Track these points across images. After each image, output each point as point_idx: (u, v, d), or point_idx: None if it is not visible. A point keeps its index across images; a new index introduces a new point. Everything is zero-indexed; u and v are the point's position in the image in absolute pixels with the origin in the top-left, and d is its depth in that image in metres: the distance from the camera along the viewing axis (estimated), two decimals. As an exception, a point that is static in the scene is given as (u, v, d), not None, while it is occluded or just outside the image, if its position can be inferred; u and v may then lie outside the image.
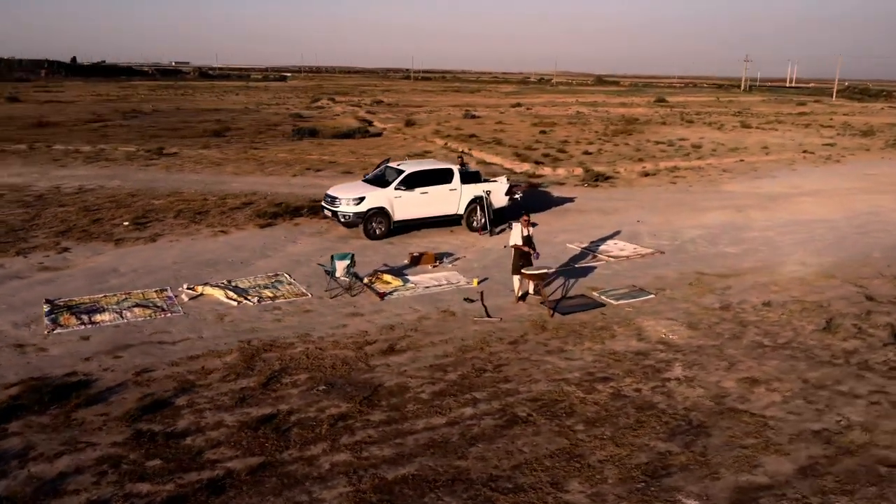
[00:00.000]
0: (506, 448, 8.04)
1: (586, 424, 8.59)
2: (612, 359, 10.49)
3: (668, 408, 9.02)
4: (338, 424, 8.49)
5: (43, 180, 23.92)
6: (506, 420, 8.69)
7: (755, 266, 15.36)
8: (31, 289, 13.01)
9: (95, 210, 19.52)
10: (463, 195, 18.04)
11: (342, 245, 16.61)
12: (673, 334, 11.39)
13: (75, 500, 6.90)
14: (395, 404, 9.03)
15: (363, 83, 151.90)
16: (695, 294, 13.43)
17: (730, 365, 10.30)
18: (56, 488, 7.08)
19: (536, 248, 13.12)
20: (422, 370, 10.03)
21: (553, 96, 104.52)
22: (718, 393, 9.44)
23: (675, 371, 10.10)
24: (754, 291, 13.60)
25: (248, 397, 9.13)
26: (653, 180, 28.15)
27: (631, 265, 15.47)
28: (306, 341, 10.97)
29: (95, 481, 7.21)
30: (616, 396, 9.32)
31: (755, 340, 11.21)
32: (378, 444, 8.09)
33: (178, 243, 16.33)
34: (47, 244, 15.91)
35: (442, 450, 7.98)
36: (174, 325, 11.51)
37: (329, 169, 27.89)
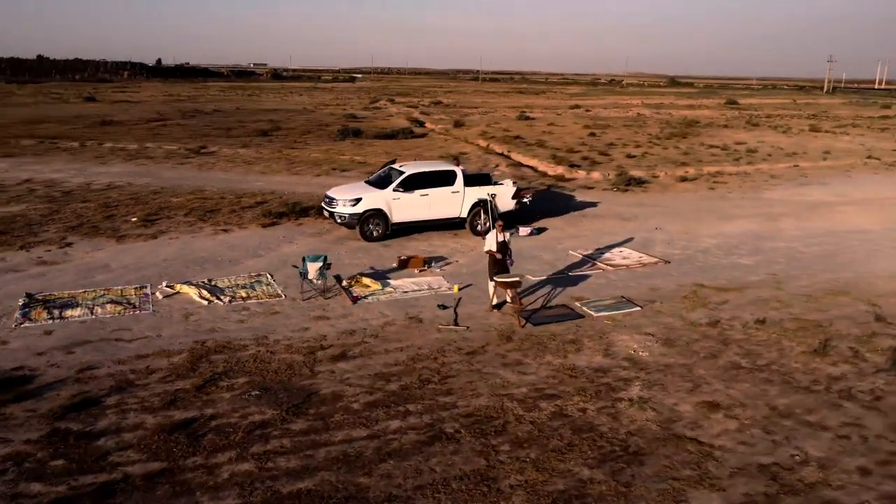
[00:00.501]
0: (417, 466, 7.65)
1: (513, 445, 8.10)
2: (569, 374, 9.90)
3: (608, 431, 8.41)
4: (255, 432, 8.28)
5: (79, 177, 24.84)
6: (430, 436, 8.28)
7: (764, 280, 14.34)
8: (20, 283, 13.38)
9: (114, 206, 20.07)
10: (466, 198, 17.62)
11: (337, 246, 16.50)
12: (643, 351, 10.69)
13: (-37, 497, 6.93)
14: (322, 413, 8.76)
15: (429, 85, 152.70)
16: (685, 308, 12.62)
17: (694, 387, 9.56)
18: (-50, 484, 7.13)
19: (513, 254, 12.64)
20: (364, 379, 9.72)
21: (619, 98, 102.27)
22: (670, 417, 8.75)
23: (632, 391, 9.44)
24: (751, 307, 12.67)
25: (179, 399, 9.04)
26: (690, 185, 26.95)
27: (629, 275, 14.71)
28: (260, 344, 10.83)
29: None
30: (556, 416, 8.76)
31: (732, 361, 10.39)
32: (288, 454, 7.83)
33: (177, 241, 16.56)
34: (53, 239, 16.41)
35: (350, 465, 7.66)
36: (139, 322, 11.59)
37: (357, 169, 27.89)
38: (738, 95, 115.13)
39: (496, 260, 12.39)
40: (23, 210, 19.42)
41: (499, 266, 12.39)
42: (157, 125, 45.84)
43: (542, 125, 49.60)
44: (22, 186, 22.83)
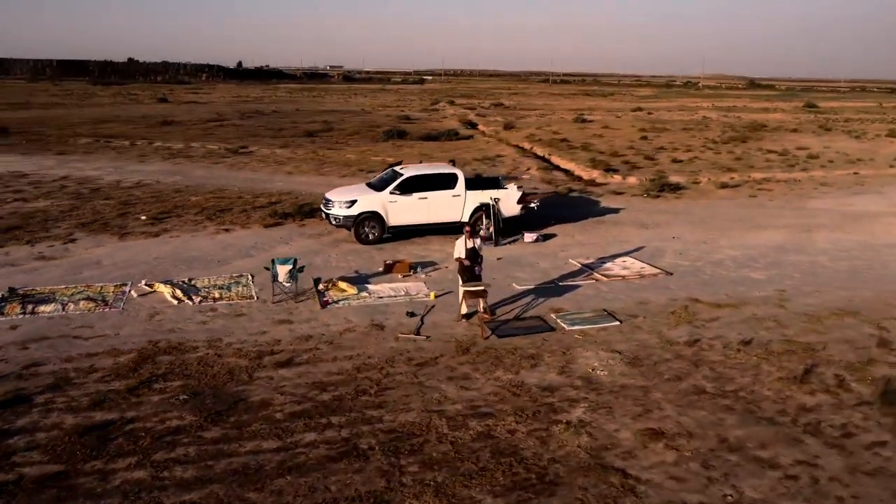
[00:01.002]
0: (313, 484, 7.30)
1: (423, 466, 7.63)
2: (513, 392, 9.34)
3: (531, 456, 7.83)
4: (165, 438, 8.12)
5: (114, 175, 25.68)
6: (341, 451, 7.92)
7: (769, 296, 13.29)
8: (11, 277, 13.79)
9: (133, 204, 20.58)
10: (467, 202, 17.15)
11: (331, 248, 16.36)
12: (603, 370, 10.00)
13: None
14: (241, 422, 8.53)
15: (497, 87, 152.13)
16: (668, 324, 11.79)
17: (644, 412, 8.83)
18: None
19: (482, 261, 12.11)
20: (300, 387, 9.44)
21: (689, 101, 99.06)
22: (605, 444, 8.08)
23: (574, 413, 8.80)
24: (742, 326, 11.72)
25: (107, 401, 8.99)
26: (730, 192, 25.56)
27: (623, 286, 13.92)
28: (212, 346, 10.72)
29: None
30: (481, 436, 8.24)
31: (697, 385, 9.57)
32: (187, 464, 7.62)
33: (176, 240, 16.77)
34: (61, 235, 16.90)
35: (246, 478, 7.38)
36: (104, 320, 11.69)
37: (385, 171, 27.75)
38: (821, 98, 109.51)
39: (465, 267, 11.90)
40: (46, 206, 20.14)
41: (468, 274, 11.89)
42: (214, 125, 47.15)
43: (595, 128, 48.41)
44: (57, 183, 23.76)
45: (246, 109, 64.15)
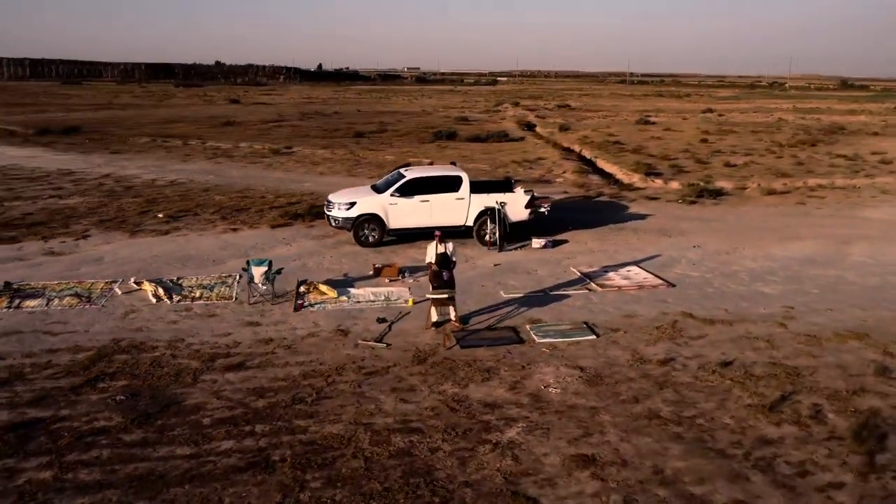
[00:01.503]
0: (208, 495, 7.11)
1: (326, 483, 7.33)
2: (452, 407, 8.91)
3: (443, 478, 7.40)
4: (85, 439, 8.12)
5: (153, 173, 26.52)
6: (250, 462, 7.71)
7: (772, 313, 12.29)
8: (15, 271, 14.29)
9: (159, 202, 21.13)
10: (472, 205, 16.69)
11: (329, 250, 16.26)
12: (557, 387, 9.41)
13: None
14: (166, 426, 8.44)
15: (570, 88, 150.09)
16: (649, 340, 11.04)
17: (583, 435, 8.23)
18: None
19: (454, 267, 11.66)
20: (239, 392, 9.30)
21: (770, 101, 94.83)
22: (527, 469, 7.56)
23: (508, 433, 8.29)
24: (729, 345, 10.84)
25: (48, 398, 9.09)
26: (777, 199, 24.08)
27: (617, 297, 13.18)
28: (171, 347, 10.74)
29: None
30: (400, 454, 7.85)
31: (652, 409, 8.86)
32: (95, 466, 7.58)
33: (182, 238, 17.05)
34: (77, 231, 17.48)
35: (145, 485, 7.27)
36: (81, 316, 11.91)
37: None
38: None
39: (435, 273, 11.50)
40: (77, 203, 20.93)
41: (438, 280, 11.48)
42: (272, 126, 48.21)
43: (656, 130, 46.91)
44: (96, 181, 24.71)
45: (309, 111, 65.41)
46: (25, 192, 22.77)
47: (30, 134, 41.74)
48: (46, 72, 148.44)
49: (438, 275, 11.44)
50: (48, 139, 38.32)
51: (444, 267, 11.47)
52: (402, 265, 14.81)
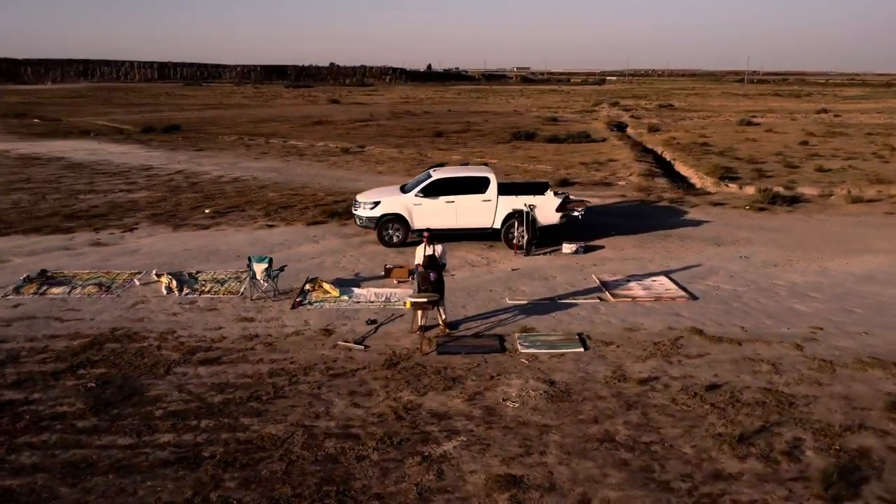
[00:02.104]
0: (124, 486, 7.27)
1: (241, 484, 7.31)
2: (398, 415, 8.67)
3: (357, 489, 7.19)
4: (42, 423, 8.51)
5: (223, 170, 27.71)
6: (179, 457, 7.82)
7: (793, 334, 11.19)
8: (56, 259, 15.28)
9: (215, 198, 22.03)
10: (499, 207, 16.26)
11: (353, 249, 16.34)
12: (516, 402, 8.96)
13: None
14: (119, 415, 8.72)
15: (679, 87, 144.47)
16: (639, 356, 10.32)
17: (521, 454, 7.77)
18: None
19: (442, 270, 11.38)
20: (202, 387, 9.47)
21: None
22: (445, 486, 7.22)
23: (444, 446, 7.96)
24: (726, 367, 9.95)
25: (28, 381, 9.60)
26: (864, 208, 22.08)
27: (627, 309, 12.44)
28: (160, 338, 11.10)
29: None
30: (325, 460, 7.71)
31: (609, 431, 8.25)
32: (38, 450, 7.92)
33: (218, 233, 17.66)
34: (128, 224, 18.49)
35: (72, 472, 7.51)
36: (93, 305, 12.55)
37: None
38: None
39: (422, 276, 11.26)
40: (142, 197, 22.17)
41: (426, 283, 11.24)
42: (360, 125, 49.31)
43: (756, 132, 44.33)
44: (168, 176, 26.10)
45: (401, 110, 66.44)
46: (102, 185, 24.37)
47: (135, 132, 44.74)
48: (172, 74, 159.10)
49: (426, 277, 11.19)
50: (148, 137, 40.94)
51: (431, 268, 11.19)
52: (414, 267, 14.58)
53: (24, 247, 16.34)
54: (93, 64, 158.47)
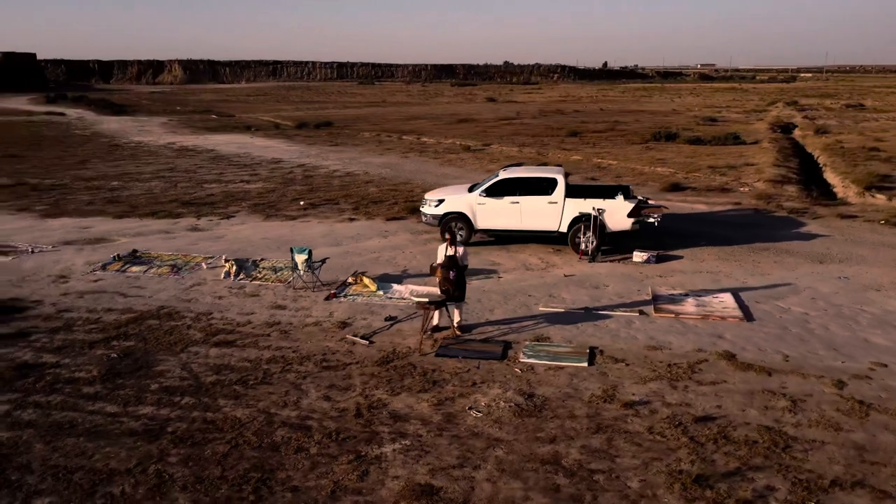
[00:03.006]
0: (85, 450, 7.94)
1: (181, 461, 7.74)
2: (359, 412, 8.71)
3: (277, 479, 7.36)
4: (56, 385, 9.51)
5: (341, 164, 29.13)
6: (146, 429, 8.41)
7: (845, 368, 9.76)
8: (150, 241, 16.94)
9: (317, 190, 23.23)
10: (566, 210, 15.64)
11: (415, 245, 16.50)
12: (482, 411, 8.65)
13: None
14: (121, 385, 9.51)
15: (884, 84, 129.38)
16: (644, 377, 9.53)
17: (455, 466, 7.51)
18: None
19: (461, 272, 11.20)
20: (205, 367, 10.08)
21: None
22: (361, 488, 7.17)
23: (384, 448, 7.91)
24: (736, 398, 8.90)
25: (68, 347, 10.77)
26: None
27: (664, 325, 11.52)
28: (196, 319, 11.96)
29: None
30: (267, 447, 7.95)
31: (560, 453, 7.72)
32: (40, 409, 8.86)
33: (301, 225, 18.61)
34: (228, 212, 20.02)
35: (53, 431, 8.31)
36: (158, 284, 13.78)
37: (594, 172, 26.46)
38: None
39: (444, 277, 11.17)
40: (255, 188, 23.92)
41: (447, 284, 11.14)
42: (502, 124, 49.59)
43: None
44: (289, 169, 27.88)
45: (551, 109, 65.72)
46: (228, 176, 26.57)
47: (289, 128, 48.19)
48: (349, 73, 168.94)
49: (446, 276, 11.08)
50: (297, 132, 43.92)
51: (452, 268, 11.06)
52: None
53: (133, 228, 18.26)
54: (281, 64, 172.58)
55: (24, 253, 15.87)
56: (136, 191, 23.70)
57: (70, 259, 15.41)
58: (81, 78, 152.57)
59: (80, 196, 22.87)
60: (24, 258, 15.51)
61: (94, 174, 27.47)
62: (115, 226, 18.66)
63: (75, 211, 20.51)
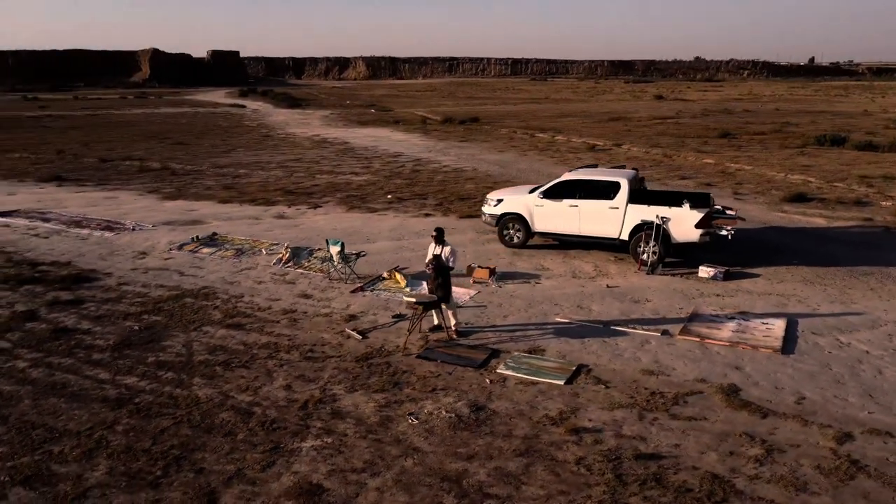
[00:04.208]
0: (59, 410, 8.78)
1: (125, 430, 8.33)
2: (305, 405, 8.83)
3: (192, 458, 7.69)
4: (76, 348, 10.59)
5: (457, 160, 29.42)
6: (116, 398, 9.11)
7: (864, 420, 8.28)
8: (237, 226, 18.25)
9: (417, 184, 23.66)
10: (627, 217, 14.64)
11: (474, 245, 16.28)
12: (419, 419, 8.44)
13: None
14: (126, 355, 10.37)
15: None
16: (614, 403, 8.75)
17: (356, 470, 7.42)
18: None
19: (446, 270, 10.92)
20: (203, 346, 10.71)
21: None
22: (258, 478, 7.31)
23: (303, 443, 7.97)
24: (700, 439, 7.89)
25: (107, 317, 11.97)
26: None
27: (681, 349, 10.47)
28: (228, 300, 12.71)
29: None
30: (202, 428, 8.32)
31: (468, 472, 7.31)
32: (49, 369, 9.94)
33: (377, 217, 19.06)
34: (318, 202, 21.00)
35: (44, 391, 9.29)
36: (216, 265, 14.82)
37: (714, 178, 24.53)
38: None
39: (431, 276, 11.01)
40: (359, 180, 24.85)
41: (434, 282, 10.97)
42: (655, 123, 47.38)
43: None
44: (402, 164, 28.61)
45: (717, 109, 61.51)
46: (342, 167, 27.85)
47: (435, 123, 49.40)
48: (523, 69, 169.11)
49: (433, 277, 10.90)
50: (438, 128, 44.89)
51: (437, 268, 10.86)
52: (500, 269, 14.08)
53: (229, 213, 19.75)
54: (457, 61, 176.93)
55: (127, 230, 17.73)
56: (254, 178, 25.57)
57: (159, 238, 17.01)
58: (278, 74, 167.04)
59: (205, 181, 25.11)
60: (124, 235, 17.35)
61: (230, 162, 30.01)
62: (216, 210, 20.27)
63: (192, 195, 22.56)
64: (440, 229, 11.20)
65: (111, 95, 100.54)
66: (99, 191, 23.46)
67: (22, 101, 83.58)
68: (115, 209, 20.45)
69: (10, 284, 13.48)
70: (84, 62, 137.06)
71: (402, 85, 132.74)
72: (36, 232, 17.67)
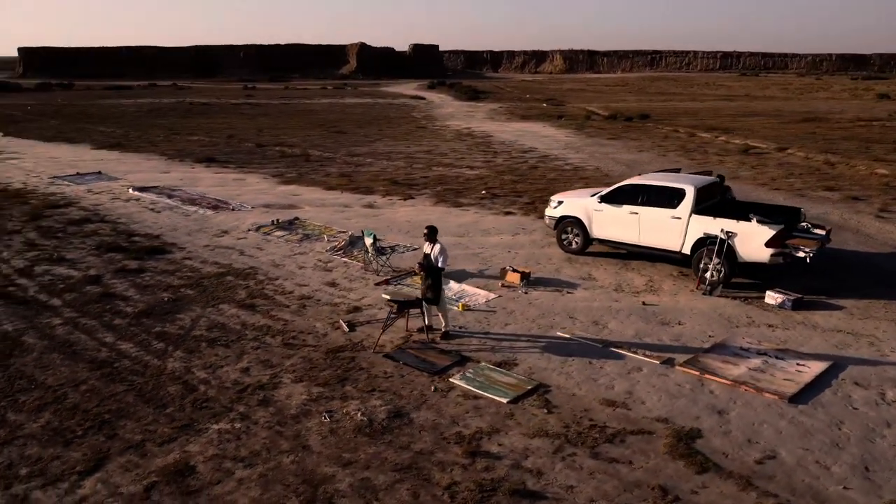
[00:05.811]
0: (51, 364, 9.90)
1: (87, 393, 9.13)
2: (244, 389, 9.12)
3: (110, 426, 8.34)
4: (105, 313, 11.80)
5: (588, 159, 28.29)
6: (102, 361, 10.04)
7: (835, 495, 6.84)
8: (324, 212, 19.11)
9: (527, 181, 23.15)
10: (690, 228, 13.18)
11: (532, 248, 15.65)
12: (332, 418, 8.36)
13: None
14: (142, 324, 11.28)
15: None
16: (540, 432, 8.00)
17: (236, 459, 7.54)
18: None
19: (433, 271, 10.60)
20: (209, 323, 11.32)
21: None
22: (149, 451, 7.71)
23: (215, 426, 8.24)
24: (604, 486, 6.94)
25: (150, 287, 13.10)
26: None
27: (671, 382, 9.26)
28: (261, 282, 13.36)
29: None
30: (144, 399, 8.91)
31: (335, 478, 7.10)
32: (70, 327, 11.17)
33: (456, 211, 18.93)
34: (412, 193, 21.30)
35: (53, 346, 10.50)
36: (277, 247, 15.63)
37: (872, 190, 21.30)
38: None
39: (422, 275, 10.78)
40: (473, 174, 24.82)
41: (424, 281, 10.75)
42: (857, 125, 42.22)
43: None
44: (525, 159, 28.07)
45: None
46: (463, 160, 27.96)
47: (600, 118, 47.86)
48: (733, 64, 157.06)
49: (424, 278, 10.67)
50: (597, 124, 43.42)
51: (427, 268, 10.59)
52: (542, 275, 13.36)
53: (325, 200, 20.72)
54: (660, 55, 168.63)
55: (228, 210, 19.28)
56: (374, 168, 26.51)
57: (247, 218, 18.30)
58: (475, 66, 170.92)
59: (329, 168, 26.51)
60: (222, 214, 18.90)
61: (366, 151, 31.37)
62: (318, 195, 21.35)
63: (308, 181, 23.93)
64: (432, 227, 10.87)
65: (315, 86, 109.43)
66: (235, 172, 25.71)
67: (241, 90, 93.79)
68: (235, 189, 22.30)
69: (100, 251, 15.26)
70: (300, 55, 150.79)
71: (595, 79, 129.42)
72: (154, 207, 19.83)
